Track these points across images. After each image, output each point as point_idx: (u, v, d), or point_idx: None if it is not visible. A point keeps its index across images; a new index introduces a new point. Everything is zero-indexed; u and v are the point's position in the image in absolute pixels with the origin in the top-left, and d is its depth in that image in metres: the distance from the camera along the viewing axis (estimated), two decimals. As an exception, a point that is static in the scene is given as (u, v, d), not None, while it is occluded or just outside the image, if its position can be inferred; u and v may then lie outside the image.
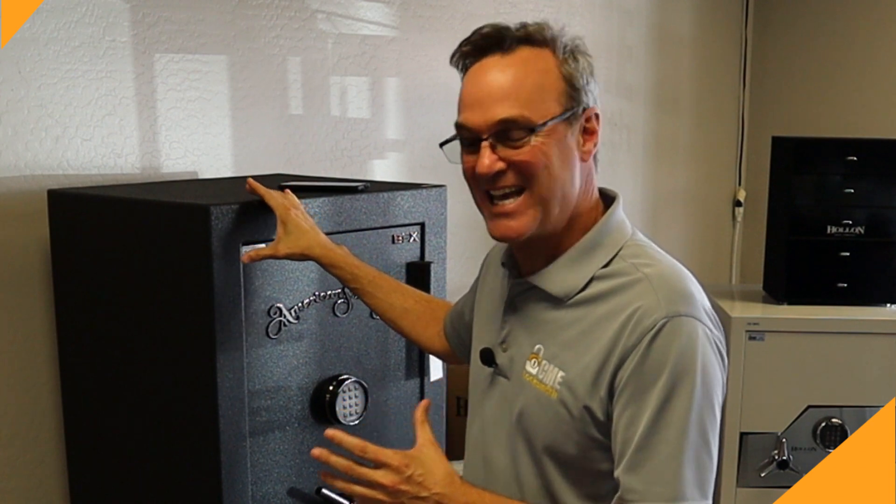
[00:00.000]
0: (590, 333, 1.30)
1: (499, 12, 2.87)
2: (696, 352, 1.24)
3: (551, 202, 1.31)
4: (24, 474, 2.02)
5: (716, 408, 1.27)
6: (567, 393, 1.30)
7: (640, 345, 1.24)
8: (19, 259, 1.97)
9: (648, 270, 1.30)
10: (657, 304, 1.25)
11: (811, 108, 3.88)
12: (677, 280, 1.30)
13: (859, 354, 2.92)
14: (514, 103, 1.28)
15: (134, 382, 1.81)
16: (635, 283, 1.29)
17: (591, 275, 1.33)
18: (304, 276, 1.76)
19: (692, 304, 1.27)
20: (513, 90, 1.29)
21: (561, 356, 1.32)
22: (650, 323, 1.24)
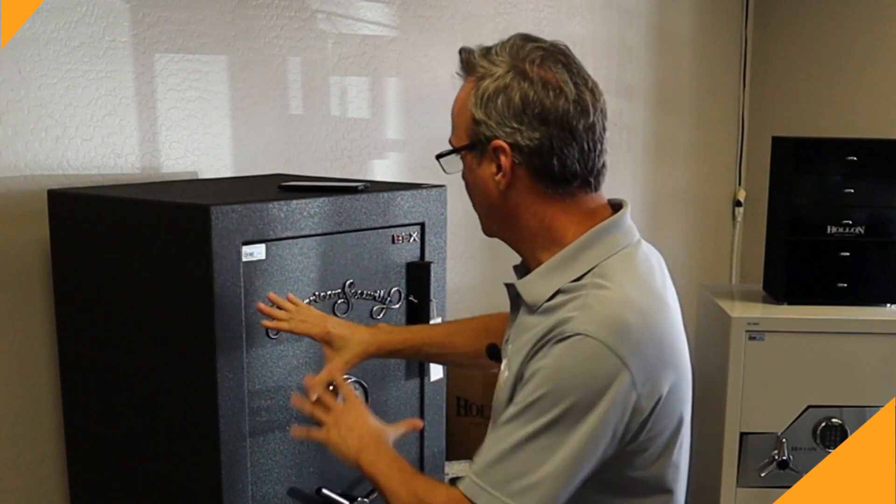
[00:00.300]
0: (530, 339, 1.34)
1: (499, 12, 2.87)
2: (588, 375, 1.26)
3: (482, 218, 1.45)
4: (24, 474, 2.02)
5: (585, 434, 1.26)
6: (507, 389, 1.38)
7: (541, 351, 1.29)
8: (19, 259, 1.97)
9: (597, 292, 1.30)
10: (576, 320, 1.27)
11: (811, 108, 3.88)
12: (617, 306, 1.29)
13: (859, 354, 2.92)
14: (451, 127, 1.43)
15: (134, 382, 1.81)
16: (576, 298, 1.31)
17: (558, 287, 1.34)
18: (304, 276, 1.76)
19: (615, 331, 1.26)
20: (452, 115, 1.43)
21: (512, 359, 1.39)
22: (558, 333, 1.28)
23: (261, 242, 1.68)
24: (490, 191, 1.38)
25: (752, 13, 4.02)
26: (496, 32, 2.84)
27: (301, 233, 1.74)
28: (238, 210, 1.63)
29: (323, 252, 1.80)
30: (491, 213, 1.42)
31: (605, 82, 2.64)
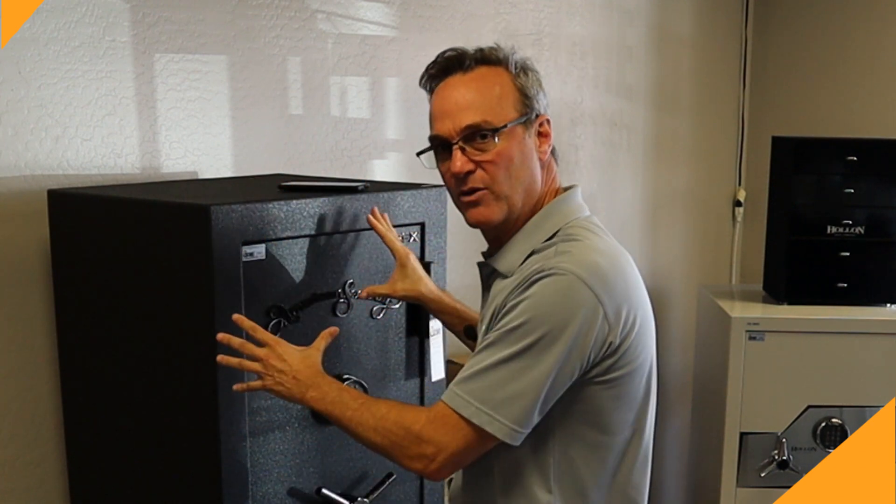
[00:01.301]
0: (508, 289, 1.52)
1: (499, 12, 2.87)
2: (553, 296, 1.43)
3: (513, 196, 1.53)
4: (24, 474, 2.02)
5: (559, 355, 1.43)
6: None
7: (520, 289, 1.46)
8: (19, 259, 1.97)
9: (568, 244, 1.50)
10: (552, 262, 1.46)
11: (811, 108, 3.87)
12: (587, 252, 1.49)
13: (859, 354, 2.92)
14: (477, 111, 1.51)
15: (134, 382, 1.81)
16: (547, 253, 1.50)
17: (531, 249, 1.53)
18: (304, 276, 1.76)
19: (587, 269, 1.45)
20: (475, 100, 1.51)
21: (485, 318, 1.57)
22: (537, 273, 1.45)
23: (261, 242, 1.68)
24: (533, 161, 1.55)
25: (752, 13, 4.02)
26: (496, 32, 2.84)
27: (301, 233, 1.74)
28: (238, 210, 1.63)
29: (323, 252, 1.80)
30: (526, 185, 1.54)
31: (605, 82, 2.67)
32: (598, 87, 3.29)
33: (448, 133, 1.53)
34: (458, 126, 1.51)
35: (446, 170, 1.55)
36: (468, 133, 1.51)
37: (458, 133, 1.52)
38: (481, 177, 1.52)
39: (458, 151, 1.51)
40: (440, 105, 1.55)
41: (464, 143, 1.51)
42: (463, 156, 1.51)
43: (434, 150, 1.58)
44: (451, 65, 1.55)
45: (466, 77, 1.54)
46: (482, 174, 1.52)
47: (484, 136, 1.50)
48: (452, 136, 1.52)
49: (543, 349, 1.42)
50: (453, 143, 1.52)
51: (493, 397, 1.43)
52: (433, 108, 1.58)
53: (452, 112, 1.52)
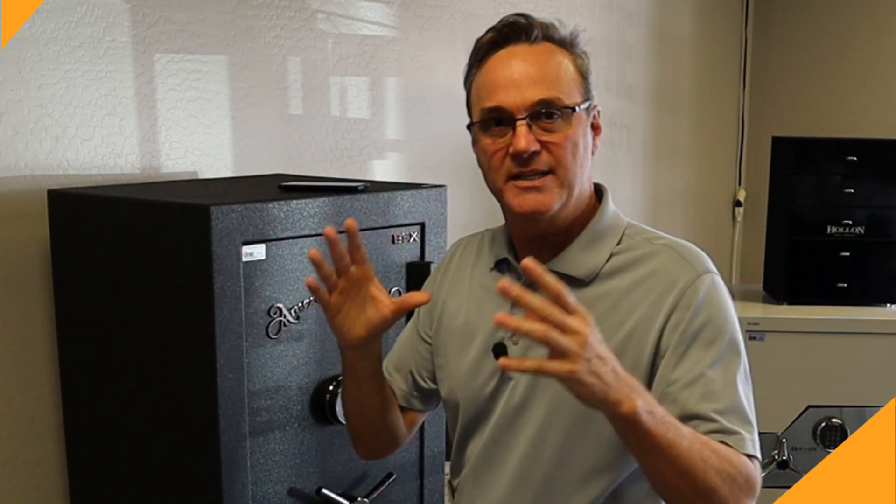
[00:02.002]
0: (621, 304, 1.38)
1: (499, 12, 2.86)
2: (725, 299, 1.39)
3: (574, 187, 1.39)
4: (24, 474, 2.02)
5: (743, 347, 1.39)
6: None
7: (682, 303, 1.34)
8: (19, 259, 1.97)
9: (664, 242, 1.43)
10: (689, 266, 1.38)
11: (811, 108, 3.88)
12: (692, 246, 1.43)
13: (859, 354, 2.92)
14: (550, 86, 1.35)
15: (134, 382, 1.80)
16: (657, 252, 1.40)
17: (610, 252, 1.42)
18: (304, 276, 1.76)
19: (710, 262, 1.41)
20: (547, 74, 1.36)
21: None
22: (686, 281, 1.36)
23: (261, 242, 1.68)
24: (589, 155, 1.43)
25: (752, 13, 4.02)
26: (496, 32, 2.84)
27: (301, 233, 1.74)
28: (238, 210, 1.63)
29: (323, 252, 1.79)
30: (585, 178, 1.42)
31: (605, 82, 2.67)
32: (599, 87, 3.28)
33: (513, 105, 1.35)
34: (527, 99, 1.34)
35: (498, 147, 1.37)
36: (538, 109, 1.34)
37: (526, 108, 1.34)
38: (546, 159, 1.35)
39: (525, 128, 1.34)
40: (504, 74, 1.37)
41: (531, 120, 1.35)
42: (529, 133, 1.34)
43: (483, 124, 1.39)
44: (517, 32, 1.39)
45: (533, 49, 1.38)
46: (547, 156, 1.35)
47: (552, 115, 1.35)
48: (518, 110, 1.34)
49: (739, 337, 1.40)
50: (519, 117, 1.34)
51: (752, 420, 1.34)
52: (491, 76, 1.38)
53: (521, 84, 1.35)
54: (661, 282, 1.37)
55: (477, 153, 1.44)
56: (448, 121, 2.79)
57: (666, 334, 1.34)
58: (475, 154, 1.45)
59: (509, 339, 1.44)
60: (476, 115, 1.41)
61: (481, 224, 1.50)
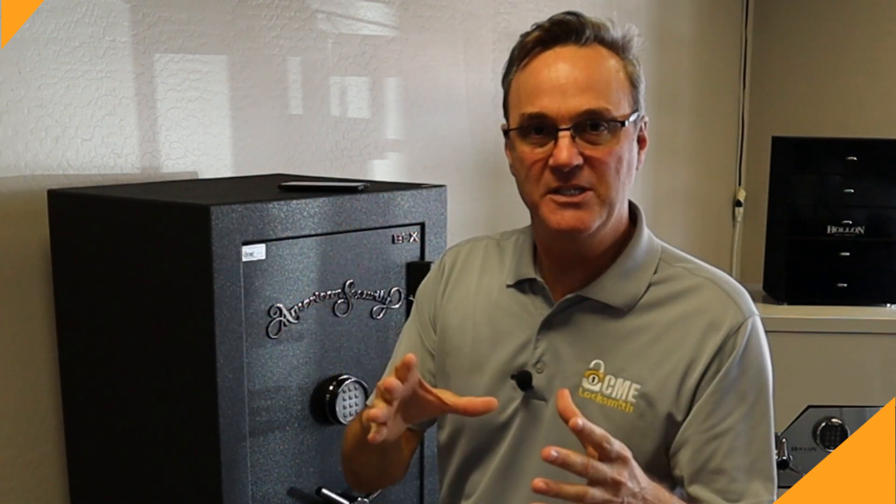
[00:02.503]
0: (662, 340, 1.30)
1: (499, 12, 2.87)
2: (764, 346, 1.32)
3: (615, 205, 1.29)
4: (24, 474, 2.02)
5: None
6: (645, 405, 1.29)
7: (726, 348, 1.28)
8: (19, 259, 1.97)
9: (706, 274, 1.34)
10: (735, 307, 1.30)
11: (811, 108, 3.88)
12: (732, 281, 1.36)
13: (859, 354, 2.92)
14: (599, 96, 1.25)
15: (134, 382, 1.80)
16: (701, 286, 1.33)
17: (648, 281, 1.33)
18: (304, 276, 1.76)
19: (752, 302, 1.34)
20: (596, 82, 1.26)
21: (630, 368, 1.30)
22: (734, 325, 1.29)
23: (261, 242, 1.68)
24: (633, 171, 1.32)
25: (752, 13, 4.02)
26: (496, 32, 2.84)
27: (301, 233, 1.74)
28: (238, 210, 1.63)
29: (323, 252, 1.80)
30: (625, 198, 1.32)
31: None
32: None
33: (557, 114, 1.24)
34: (573, 109, 1.24)
35: (537, 158, 1.27)
36: (583, 120, 1.24)
37: (571, 118, 1.24)
38: (588, 175, 1.25)
39: (568, 139, 1.23)
40: (550, 77, 1.25)
41: (574, 132, 1.24)
42: (572, 146, 1.23)
43: (521, 130, 1.28)
44: (567, 32, 1.28)
45: (583, 52, 1.27)
46: (590, 172, 1.25)
47: (598, 126, 1.25)
48: (563, 120, 1.24)
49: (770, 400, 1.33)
50: (563, 127, 1.24)
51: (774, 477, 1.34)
52: (535, 79, 1.27)
53: (567, 90, 1.24)
54: (707, 321, 1.29)
55: (511, 160, 1.34)
56: (448, 121, 2.79)
57: (706, 379, 1.28)
58: (509, 160, 1.35)
59: (533, 367, 1.35)
60: (514, 120, 1.30)
61: (481, 224, 1.50)
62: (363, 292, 1.88)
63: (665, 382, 1.29)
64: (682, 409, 1.29)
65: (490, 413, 1.28)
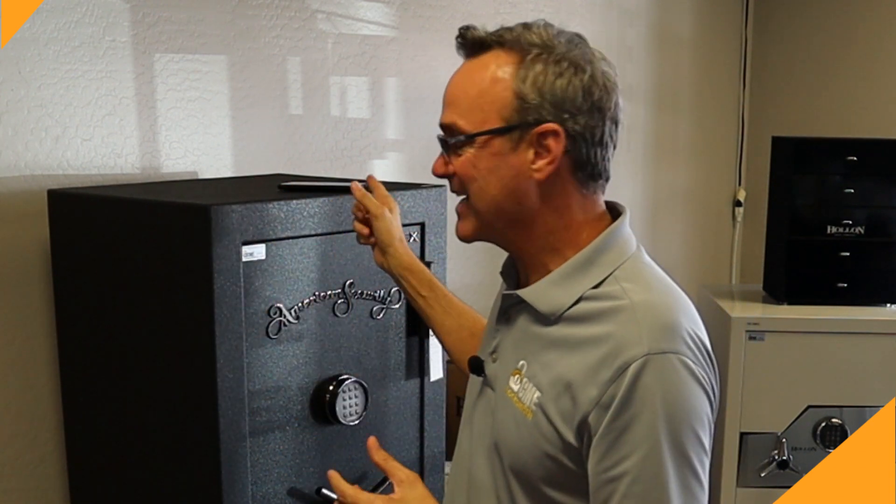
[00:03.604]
0: (568, 357, 1.25)
1: (499, 12, 2.87)
2: (679, 388, 1.19)
3: (486, 215, 1.30)
4: (24, 474, 2.02)
5: (702, 440, 1.21)
6: (541, 415, 1.26)
7: (616, 382, 1.18)
8: (19, 259, 1.97)
9: (637, 298, 1.23)
10: (638, 339, 1.19)
11: (811, 108, 3.88)
12: (664, 310, 1.23)
13: (859, 354, 2.92)
14: (455, 110, 1.29)
15: (134, 382, 1.81)
16: (619, 310, 1.23)
17: (580, 294, 1.27)
18: (304, 276, 1.76)
19: (674, 337, 1.20)
20: (457, 96, 1.29)
21: (539, 376, 1.28)
22: (628, 359, 1.18)
23: (261, 242, 1.68)
24: (518, 181, 1.26)
25: (752, 13, 4.02)
26: (496, 32, 2.84)
27: (301, 233, 1.74)
28: (238, 210, 1.63)
29: (323, 252, 1.80)
30: (503, 207, 1.28)
31: (605, 82, 2.54)
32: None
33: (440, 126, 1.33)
34: (441, 121, 1.32)
35: None
36: (442, 134, 1.32)
37: (441, 130, 1.32)
38: (456, 184, 1.32)
39: (441, 150, 1.33)
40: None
41: (441, 144, 1.32)
42: (441, 157, 1.32)
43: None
44: (463, 45, 1.34)
45: (470, 64, 1.31)
46: (458, 182, 1.32)
47: (452, 140, 1.29)
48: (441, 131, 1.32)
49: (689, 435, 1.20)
50: (438, 138, 1.33)
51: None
52: None
53: (443, 104, 1.32)
54: (608, 349, 1.20)
55: None
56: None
57: (598, 410, 1.19)
58: None
59: (490, 356, 1.39)
60: None
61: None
62: (363, 292, 1.88)
63: (557, 400, 1.24)
64: (572, 432, 1.22)
65: (470, 390, 1.45)
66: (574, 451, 1.23)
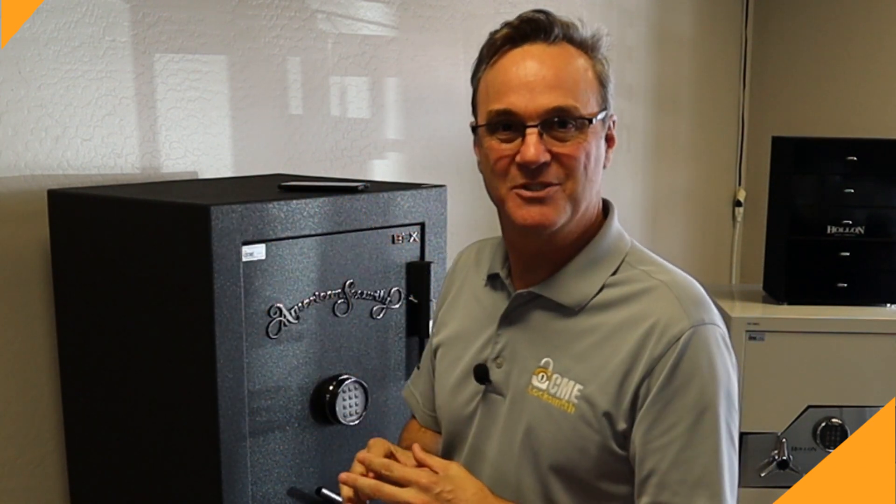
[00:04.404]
0: (607, 343, 1.28)
1: (499, 12, 2.87)
2: (719, 358, 1.26)
3: (581, 202, 1.29)
4: (24, 474, 2.02)
5: (735, 406, 1.30)
6: (586, 406, 1.27)
7: (667, 355, 1.23)
8: (19, 259, 1.97)
9: (664, 277, 1.30)
10: (681, 313, 1.25)
11: (811, 108, 3.88)
12: (691, 286, 1.31)
13: (859, 354, 2.92)
14: (567, 93, 1.25)
15: (134, 382, 1.81)
16: (652, 290, 1.29)
17: (603, 282, 1.31)
18: (304, 276, 1.76)
19: (709, 310, 1.29)
20: (564, 80, 1.26)
21: (576, 369, 1.29)
22: (677, 332, 1.24)
23: (261, 242, 1.68)
24: (600, 167, 1.32)
25: (752, 13, 4.02)
26: (496, 32, 2.84)
27: (301, 233, 1.74)
28: (238, 210, 1.63)
29: (323, 252, 1.80)
30: (593, 195, 1.32)
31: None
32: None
33: (525, 111, 1.25)
34: (541, 106, 1.24)
35: (504, 154, 1.27)
36: (551, 117, 1.25)
37: (539, 115, 1.24)
38: (556, 171, 1.26)
39: (536, 136, 1.24)
40: (518, 75, 1.26)
41: (542, 128, 1.25)
42: (540, 143, 1.24)
43: (489, 126, 1.29)
44: (536, 30, 1.28)
45: (551, 50, 1.27)
46: (557, 168, 1.26)
47: (566, 124, 1.25)
48: (530, 117, 1.24)
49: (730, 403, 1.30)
50: (530, 124, 1.24)
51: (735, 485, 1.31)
52: (503, 76, 1.28)
53: (535, 87, 1.24)
54: (649, 327, 1.25)
55: (479, 157, 1.34)
56: (448, 121, 2.79)
57: (646, 386, 1.24)
58: (476, 157, 1.35)
59: (493, 361, 1.38)
60: (483, 117, 1.30)
61: (481, 224, 1.50)
62: (363, 292, 1.88)
63: (605, 386, 1.27)
64: (623, 414, 1.26)
65: (459, 405, 1.42)
66: (621, 434, 1.27)
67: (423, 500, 1.26)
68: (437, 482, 1.27)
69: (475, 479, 1.30)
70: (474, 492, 1.28)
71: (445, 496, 1.26)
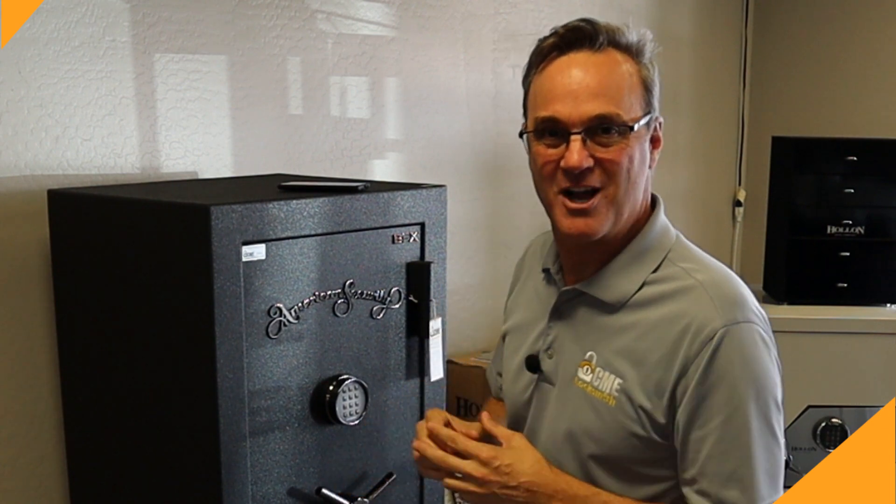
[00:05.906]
0: (645, 339, 1.33)
1: (499, 12, 2.87)
2: (755, 356, 1.32)
3: (624, 206, 1.34)
4: (24, 474, 2.02)
5: (778, 402, 1.38)
6: (626, 400, 1.33)
7: (701, 355, 1.28)
8: (19, 259, 1.97)
9: (701, 277, 1.34)
10: (714, 313, 1.29)
11: (811, 108, 3.88)
12: (729, 285, 1.34)
13: (859, 354, 2.92)
14: (610, 101, 1.31)
15: (134, 382, 1.81)
16: (689, 289, 1.33)
17: (643, 280, 1.36)
18: (304, 276, 1.76)
19: (745, 308, 1.32)
20: (607, 87, 1.31)
21: (616, 363, 1.35)
22: (709, 332, 1.28)
23: (261, 242, 1.68)
24: (645, 171, 1.38)
25: (752, 13, 4.02)
26: (496, 32, 2.84)
27: (301, 233, 1.74)
28: (238, 210, 1.63)
29: (323, 252, 1.80)
30: (637, 198, 1.37)
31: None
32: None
33: (569, 118, 1.30)
34: (584, 113, 1.29)
35: (550, 159, 1.32)
36: (595, 124, 1.30)
37: (582, 122, 1.29)
38: (599, 176, 1.31)
39: (579, 143, 1.29)
40: (563, 83, 1.31)
41: (586, 135, 1.30)
42: (583, 149, 1.29)
43: (536, 133, 1.35)
44: (581, 39, 1.33)
45: (596, 57, 1.33)
46: (600, 173, 1.31)
47: (609, 130, 1.30)
48: (574, 124, 1.30)
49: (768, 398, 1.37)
50: (574, 131, 1.30)
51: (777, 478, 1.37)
52: (549, 84, 1.33)
53: (579, 95, 1.30)
54: (684, 326, 1.30)
55: (529, 160, 1.40)
56: (448, 121, 2.80)
57: (683, 383, 1.30)
58: (529, 159, 1.41)
59: (544, 353, 1.45)
60: (531, 123, 1.36)
61: (481, 224, 1.50)
62: (363, 292, 1.88)
63: (643, 381, 1.32)
64: (661, 410, 1.32)
65: (518, 391, 1.50)
66: (662, 427, 1.32)
67: (482, 472, 1.32)
68: (496, 456, 1.33)
69: (535, 451, 1.36)
70: (531, 463, 1.34)
71: (504, 469, 1.32)
